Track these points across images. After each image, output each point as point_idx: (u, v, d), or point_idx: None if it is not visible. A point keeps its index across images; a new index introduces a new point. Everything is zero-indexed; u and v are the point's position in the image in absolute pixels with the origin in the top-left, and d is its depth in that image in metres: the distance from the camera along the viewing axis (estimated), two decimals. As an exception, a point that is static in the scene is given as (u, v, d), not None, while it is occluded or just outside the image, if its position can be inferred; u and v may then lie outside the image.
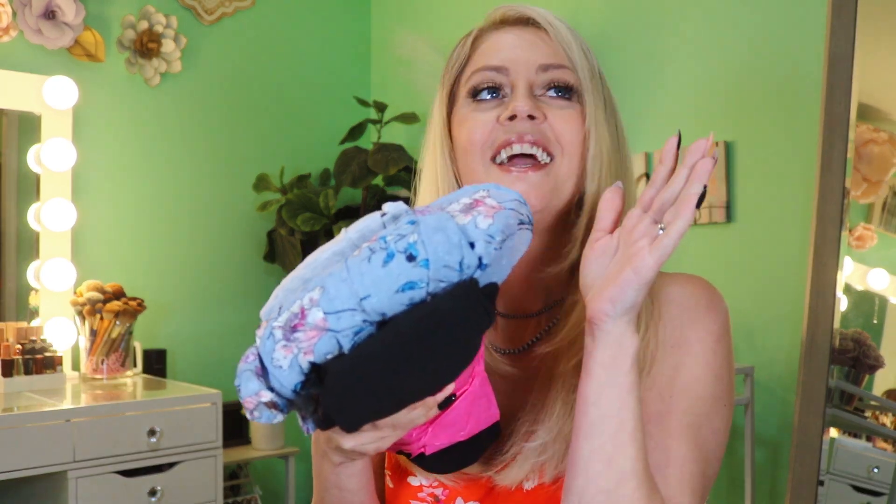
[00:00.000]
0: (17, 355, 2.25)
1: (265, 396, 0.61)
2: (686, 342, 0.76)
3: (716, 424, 0.75)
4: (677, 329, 0.77)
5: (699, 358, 0.75)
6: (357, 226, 0.63)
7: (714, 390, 0.75)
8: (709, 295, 0.80)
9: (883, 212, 1.95)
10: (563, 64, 0.80)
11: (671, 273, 0.83)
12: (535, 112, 0.77)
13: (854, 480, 1.93)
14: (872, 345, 1.93)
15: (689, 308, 0.78)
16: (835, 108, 1.95)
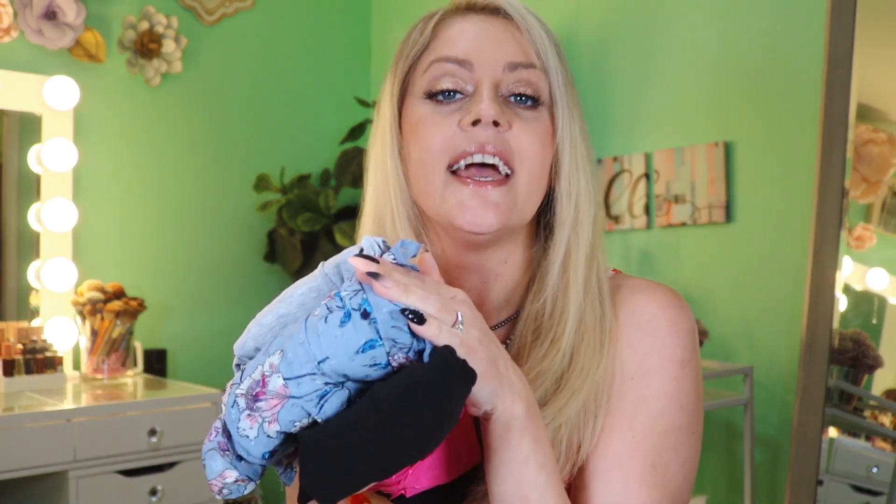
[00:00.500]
0: (18, 355, 2.26)
1: (229, 477, 0.60)
2: (646, 373, 0.71)
3: (682, 456, 0.72)
4: (636, 356, 0.72)
5: (660, 390, 0.71)
6: (334, 260, 0.61)
7: (679, 421, 0.71)
8: (672, 315, 0.73)
9: (882, 212, 1.95)
10: (532, 63, 0.73)
11: (634, 284, 0.76)
12: (500, 118, 0.71)
13: (853, 480, 1.93)
14: (871, 345, 1.94)
15: (650, 332, 0.72)
16: (834, 109, 1.95)
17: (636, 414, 0.71)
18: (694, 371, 0.73)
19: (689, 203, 2.33)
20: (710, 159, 2.27)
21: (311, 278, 0.62)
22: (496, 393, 0.61)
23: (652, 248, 2.43)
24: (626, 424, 0.70)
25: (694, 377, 0.73)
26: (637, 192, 2.46)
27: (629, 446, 0.70)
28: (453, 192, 0.72)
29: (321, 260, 3.02)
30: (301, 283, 0.62)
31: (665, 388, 0.72)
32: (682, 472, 0.71)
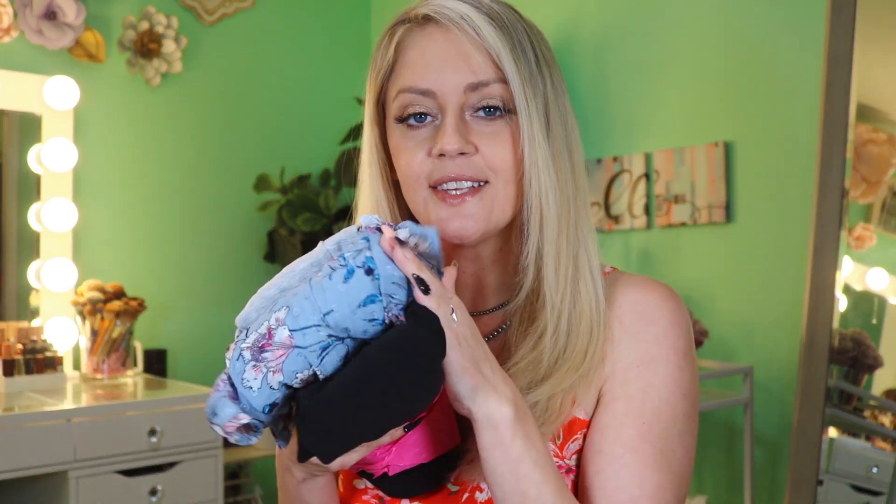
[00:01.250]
0: (18, 355, 2.26)
1: (244, 419, 0.63)
2: (652, 361, 0.75)
3: (687, 442, 0.75)
4: (642, 346, 0.76)
5: (667, 378, 0.75)
6: (334, 238, 0.65)
7: (683, 409, 0.75)
8: (672, 307, 0.77)
9: (882, 212, 1.95)
10: (490, 80, 0.74)
11: (631, 279, 0.80)
12: (464, 147, 0.74)
13: (853, 480, 1.93)
14: (871, 345, 1.94)
15: (653, 321, 0.77)
16: (834, 109, 1.95)
17: (645, 400, 0.74)
18: (693, 361, 0.78)
19: (689, 203, 2.33)
20: (710, 159, 2.27)
21: (312, 254, 0.65)
22: (476, 390, 0.64)
23: (652, 248, 2.43)
24: (637, 411, 0.74)
25: (693, 368, 0.77)
26: (637, 192, 2.46)
27: (641, 432, 0.73)
28: (434, 209, 0.77)
29: (321, 260, 3.03)
30: (302, 258, 0.66)
31: (671, 377, 0.75)
32: (687, 457, 0.75)
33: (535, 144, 0.74)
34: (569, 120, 0.79)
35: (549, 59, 0.78)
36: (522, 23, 0.78)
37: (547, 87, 0.76)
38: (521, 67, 0.74)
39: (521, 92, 0.74)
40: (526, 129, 0.74)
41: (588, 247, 0.78)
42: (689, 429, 0.76)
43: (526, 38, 0.76)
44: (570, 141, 0.78)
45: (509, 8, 0.78)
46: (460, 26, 0.75)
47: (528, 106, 0.74)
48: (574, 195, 0.77)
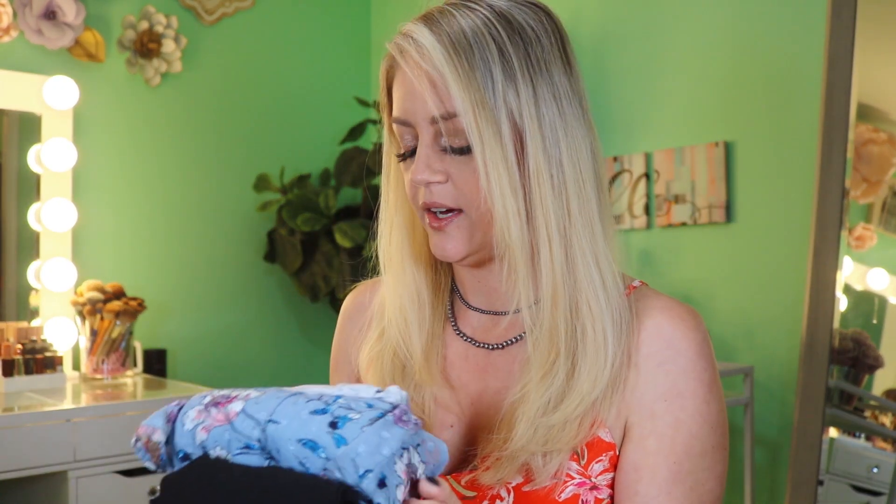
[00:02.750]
0: (18, 355, 2.26)
1: (156, 435, 0.63)
2: (679, 395, 0.76)
3: (718, 471, 0.78)
4: (669, 378, 0.77)
5: (695, 413, 0.76)
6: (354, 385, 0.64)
7: (712, 441, 0.77)
8: (699, 338, 0.79)
9: (882, 212, 1.95)
10: (449, 114, 0.74)
11: (657, 302, 0.80)
12: (432, 177, 0.76)
13: (853, 480, 1.93)
14: (872, 345, 1.94)
15: (680, 353, 0.77)
16: (834, 108, 1.95)
17: (676, 437, 0.76)
18: (719, 391, 0.79)
19: (689, 203, 2.33)
20: (710, 159, 2.27)
21: (328, 387, 0.64)
22: None
23: (652, 248, 2.43)
24: (669, 449, 0.76)
25: (720, 397, 0.79)
26: (637, 192, 2.46)
27: (674, 472, 0.75)
28: (427, 228, 0.80)
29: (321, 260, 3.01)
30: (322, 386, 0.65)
31: (698, 411, 0.77)
32: (719, 485, 0.78)
33: (493, 174, 0.73)
34: (568, 129, 0.76)
35: (538, 67, 0.75)
36: (502, 34, 0.74)
37: (521, 105, 0.74)
38: (475, 98, 0.72)
39: (472, 125, 0.73)
40: (480, 160, 0.73)
41: (592, 265, 0.76)
42: (720, 458, 0.78)
43: (496, 57, 0.73)
44: (561, 154, 0.75)
45: (490, 19, 0.75)
46: (424, 60, 0.75)
47: (484, 137, 0.73)
48: (565, 212, 0.75)
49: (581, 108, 0.77)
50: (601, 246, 0.77)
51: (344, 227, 2.72)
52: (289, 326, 3.10)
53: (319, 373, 3.18)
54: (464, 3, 0.77)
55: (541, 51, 0.75)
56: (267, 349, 3.05)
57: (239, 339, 2.95)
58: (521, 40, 0.75)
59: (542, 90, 0.74)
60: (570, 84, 0.77)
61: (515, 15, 0.76)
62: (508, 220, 0.74)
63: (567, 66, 0.77)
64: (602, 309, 0.75)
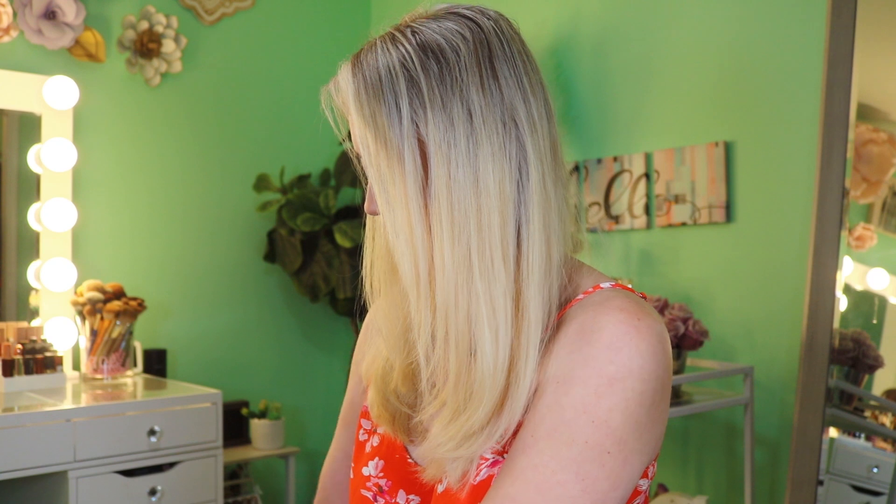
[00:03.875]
0: (18, 355, 2.26)
1: None
2: (569, 380, 0.71)
3: (584, 471, 0.69)
4: (569, 364, 0.72)
5: (576, 401, 0.70)
6: None
7: (589, 436, 0.69)
8: (620, 331, 0.71)
9: (882, 212, 1.95)
10: None
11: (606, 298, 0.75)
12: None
13: (853, 480, 1.93)
14: (872, 345, 1.94)
15: (590, 342, 0.71)
16: (834, 108, 1.95)
17: (545, 417, 0.71)
18: (626, 392, 0.70)
19: (689, 203, 2.33)
20: (710, 159, 2.27)
21: None
22: None
23: (652, 248, 2.43)
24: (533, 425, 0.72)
25: (625, 398, 0.70)
26: (637, 192, 2.46)
27: (526, 444, 0.71)
28: None
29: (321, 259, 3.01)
30: None
31: (582, 400, 0.70)
32: (581, 486, 0.69)
33: (389, 215, 0.75)
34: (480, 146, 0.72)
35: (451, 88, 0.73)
36: (416, 64, 0.73)
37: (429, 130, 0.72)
38: (378, 135, 0.74)
39: (372, 166, 0.75)
40: (380, 197, 0.75)
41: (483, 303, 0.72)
42: (597, 459, 0.69)
43: (405, 89, 0.73)
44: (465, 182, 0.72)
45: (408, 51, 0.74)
46: (342, 101, 0.80)
47: (381, 176, 0.74)
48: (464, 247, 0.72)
49: (502, 122, 0.73)
50: (501, 278, 0.72)
51: (344, 227, 2.72)
52: (289, 326, 3.10)
53: (319, 373, 3.18)
54: (393, 32, 0.77)
55: (458, 71, 0.73)
56: (267, 349, 3.05)
57: (239, 339, 2.95)
58: (437, 64, 0.73)
59: (452, 114, 0.72)
60: (488, 98, 0.73)
61: (437, 38, 0.74)
62: (401, 254, 0.75)
63: (490, 77, 0.74)
64: (489, 346, 0.72)
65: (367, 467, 0.89)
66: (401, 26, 0.78)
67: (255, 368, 3.00)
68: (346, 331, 3.20)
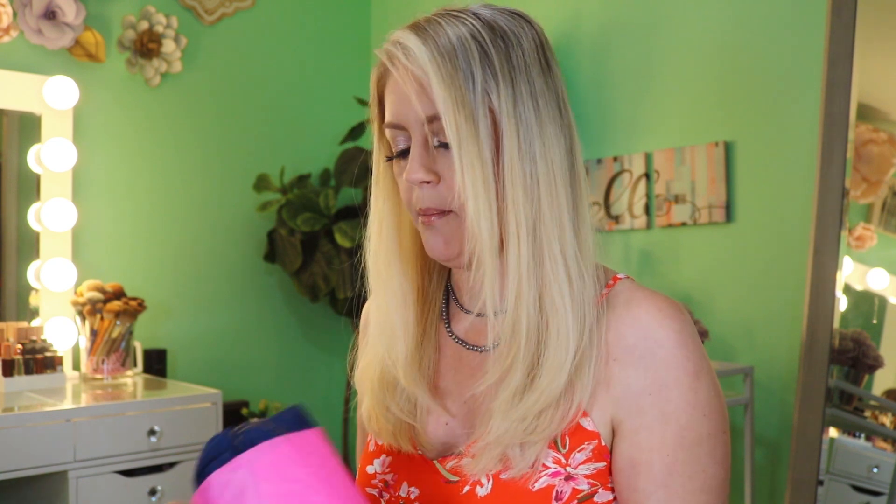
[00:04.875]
0: (18, 355, 2.26)
1: None
2: (663, 387, 0.77)
3: (719, 456, 0.77)
4: (650, 371, 0.77)
5: (681, 403, 0.76)
6: None
7: (706, 429, 0.77)
8: (677, 326, 0.78)
9: (882, 212, 1.95)
10: (436, 114, 0.77)
11: (636, 294, 0.81)
12: (426, 177, 0.79)
13: (854, 480, 1.93)
14: (872, 345, 1.94)
15: (660, 344, 0.77)
16: (834, 109, 1.95)
17: (665, 430, 0.76)
18: (708, 377, 0.78)
19: (689, 203, 2.33)
20: (710, 159, 2.27)
21: None
22: None
23: (652, 248, 2.43)
24: (659, 442, 0.76)
25: (709, 384, 0.78)
26: (637, 192, 2.46)
27: (667, 464, 0.76)
28: (420, 230, 0.83)
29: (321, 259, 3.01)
30: None
31: (685, 401, 0.77)
32: (723, 469, 0.78)
33: (468, 169, 0.76)
34: (543, 127, 0.78)
35: (518, 68, 0.78)
36: (486, 38, 0.78)
37: (500, 103, 0.76)
38: (456, 97, 0.76)
39: (451, 123, 0.76)
40: (456, 156, 0.76)
41: (559, 261, 0.77)
42: (719, 442, 0.77)
43: (479, 59, 0.77)
44: (535, 150, 0.77)
45: (475, 26, 0.78)
46: (412, 63, 0.78)
47: (461, 134, 0.76)
48: (535, 207, 0.77)
49: (558, 108, 0.80)
50: (570, 242, 0.78)
51: (344, 227, 2.72)
52: (289, 326, 3.10)
53: (319, 373, 3.18)
54: (451, 12, 0.81)
55: (521, 53, 0.79)
56: (267, 349, 3.05)
57: (239, 339, 2.95)
58: (503, 43, 0.78)
59: (521, 89, 0.78)
60: (548, 85, 0.80)
61: (499, 21, 0.80)
62: (479, 213, 0.76)
63: (546, 69, 0.80)
64: (566, 305, 0.77)
65: (371, 465, 0.89)
66: (453, 11, 0.81)
67: (255, 368, 3.00)
68: (346, 331, 3.20)
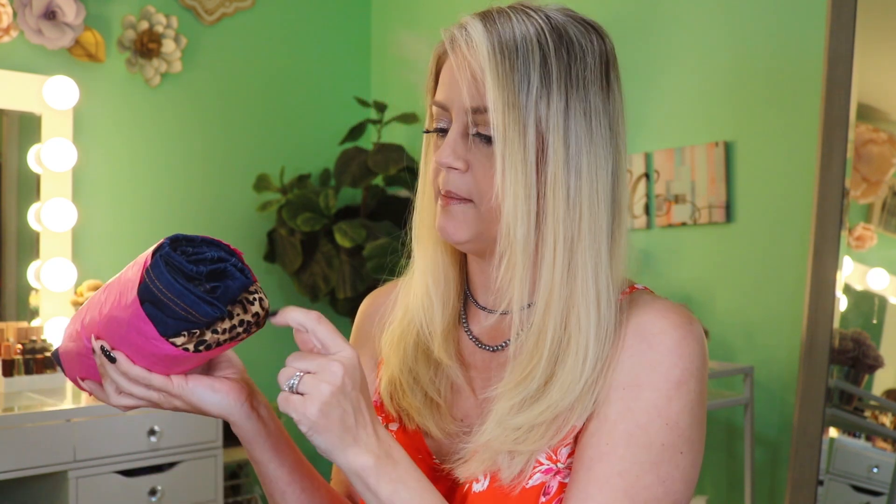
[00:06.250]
0: (18, 355, 2.26)
1: None
2: (637, 386, 0.75)
3: (664, 472, 0.73)
4: (634, 369, 0.75)
5: (648, 405, 0.74)
6: None
7: (665, 438, 0.74)
8: (678, 335, 0.76)
9: (882, 212, 1.95)
10: (483, 107, 0.77)
11: (650, 303, 0.80)
12: (455, 163, 0.78)
13: (854, 480, 1.93)
14: (872, 345, 1.94)
15: (653, 346, 0.76)
16: (834, 109, 1.95)
17: (617, 424, 0.74)
18: (691, 394, 0.75)
19: (689, 203, 2.33)
20: (710, 159, 2.27)
21: None
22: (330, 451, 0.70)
23: (652, 248, 2.43)
24: (606, 432, 0.74)
25: (689, 400, 0.75)
26: (637, 192, 2.46)
27: (602, 452, 0.73)
28: (437, 209, 0.83)
29: (321, 259, 3.01)
30: None
31: (653, 403, 0.74)
32: (663, 489, 0.73)
33: (510, 172, 0.75)
34: (593, 146, 0.77)
35: (576, 83, 0.77)
36: (550, 45, 0.77)
37: (550, 114, 0.76)
38: (508, 98, 0.75)
39: (499, 122, 0.75)
40: (499, 156, 0.75)
41: (591, 280, 0.77)
42: (672, 459, 0.74)
43: (538, 65, 0.76)
44: (581, 168, 0.76)
45: (543, 28, 0.77)
46: (470, 52, 0.78)
47: (508, 135, 0.75)
48: (576, 224, 0.76)
49: (611, 130, 0.79)
50: (604, 264, 0.77)
51: (344, 227, 2.72)
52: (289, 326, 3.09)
53: (319, 373, 3.18)
54: (524, 8, 0.80)
55: (583, 68, 0.78)
56: (267, 349, 3.05)
57: (239, 339, 2.95)
58: (567, 54, 0.78)
59: (575, 105, 0.77)
60: (605, 105, 0.79)
61: (569, 29, 0.79)
62: (517, 219, 0.75)
63: (606, 88, 0.80)
64: (591, 324, 0.76)
65: None
66: (527, 6, 0.80)
67: (255, 368, 2.98)
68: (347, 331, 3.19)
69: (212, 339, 0.71)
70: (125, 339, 0.72)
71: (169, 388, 0.75)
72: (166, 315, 0.69)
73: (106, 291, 0.74)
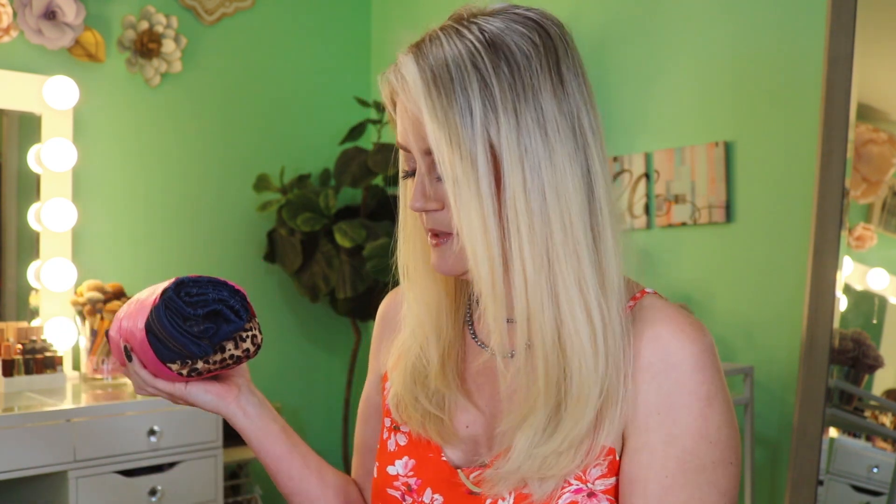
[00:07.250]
0: (18, 355, 2.26)
1: None
2: (672, 409, 0.75)
3: (722, 486, 0.75)
4: (662, 390, 0.75)
5: (689, 428, 0.75)
6: None
7: (712, 456, 0.75)
8: (697, 350, 0.75)
9: (882, 212, 1.95)
10: (429, 148, 0.75)
11: (660, 312, 0.78)
12: (427, 206, 0.78)
13: (854, 480, 1.93)
14: (872, 345, 1.94)
15: (675, 365, 0.75)
16: (834, 109, 1.95)
17: (668, 453, 0.75)
18: (722, 405, 0.76)
19: (689, 203, 2.33)
20: (710, 159, 2.27)
21: None
22: None
23: (652, 248, 2.43)
24: (660, 464, 0.75)
25: (722, 411, 0.76)
26: (637, 192, 2.46)
27: (665, 486, 0.74)
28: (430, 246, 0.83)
29: (321, 259, 3.01)
30: None
31: (693, 426, 0.75)
32: (726, 498, 0.76)
33: (465, 213, 0.73)
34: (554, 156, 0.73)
35: (523, 96, 0.73)
36: (487, 64, 0.73)
37: (500, 137, 0.72)
38: (449, 135, 0.72)
39: (446, 161, 0.73)
40: (452, 199, 0.73)
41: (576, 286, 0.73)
42: (724, 472, 0.76)
43: (477, 90, 0.72)
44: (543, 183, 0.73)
45: (476, 47, 0.73)
46: (406, 95, 0.75)
47: (455, 174, 0.72)
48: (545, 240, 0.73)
49: (574, 129, 0.74)
50: (588, 274, 0.74)
51: (344, 227, 2.72)
52: (289, 326, 3.10)
53: (319, 373, 3.18)
54: (456, 26, 0.76)
55: (529, 76, 0.73)
56: (267, 349, 3.03)
57: (239, 339, 2.95)
58: (508, 67, 0.73)
59: (526, 119, 0.73)
60: (561, 105, 0.74)
61: (506, 39, 0.74)
62: (476, 252, 0.73)
63: (560, 86, 0.74)
64: (585, 344, 0.73)
65: (393, 466, 0.89)
66: (462, 20, 0.76)
67: (254, 368, 2.98)
68: (347, 331, 3.20)
69: (203, 368, 0.87)
70: (139, 350, 0.89)
71: (172, 390, 0.91)
72: (164, 347, 0.85)
73: (136, 305, 0.91)
